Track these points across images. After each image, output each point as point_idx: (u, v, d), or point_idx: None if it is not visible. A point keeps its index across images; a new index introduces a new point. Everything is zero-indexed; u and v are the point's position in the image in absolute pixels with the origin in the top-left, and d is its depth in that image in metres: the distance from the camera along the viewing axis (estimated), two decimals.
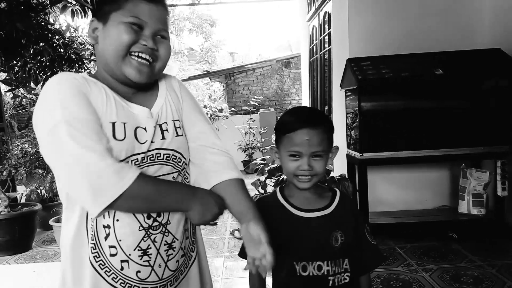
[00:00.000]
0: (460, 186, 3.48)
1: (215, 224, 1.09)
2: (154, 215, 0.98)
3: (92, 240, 0.97)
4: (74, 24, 4.63)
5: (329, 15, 4.41)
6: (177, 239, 1.04)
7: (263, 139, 7.71)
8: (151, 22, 1.00)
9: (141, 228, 0.97)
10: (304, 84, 6.67)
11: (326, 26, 4.67)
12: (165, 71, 1.12)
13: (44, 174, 3.81)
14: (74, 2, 4.48)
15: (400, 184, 3.74)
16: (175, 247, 1.03)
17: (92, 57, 5.42)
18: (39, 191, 4.10)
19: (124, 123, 0.97)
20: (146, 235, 0.98)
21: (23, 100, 6.57)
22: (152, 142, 1.01)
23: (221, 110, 7.73)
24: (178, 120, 1.10)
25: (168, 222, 1.01)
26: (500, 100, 3.18)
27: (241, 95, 8.86)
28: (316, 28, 5.32)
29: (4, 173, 3.67)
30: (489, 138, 3.20)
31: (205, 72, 10.17)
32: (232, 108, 8.48)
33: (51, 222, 3.77)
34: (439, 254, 3.08)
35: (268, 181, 4.00)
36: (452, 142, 3.17)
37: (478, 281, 2.65)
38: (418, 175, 3.69)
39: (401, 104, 3.23)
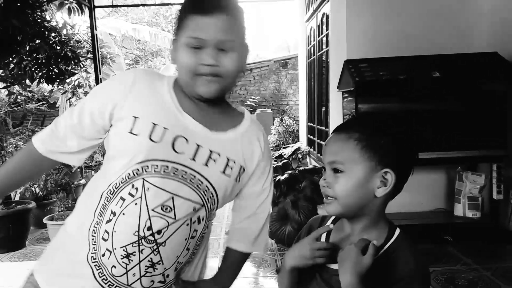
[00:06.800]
0: (455, 189, 3.49)
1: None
2: (154, 229, 0.96)
3: (99, 216, 0.99)
4: (71, 21, 4.60)
5: (327, 16, 4.41)
6: (163, 264, 1.00)
7: None
8: (209, 37, 0.95)
9: (136, 233, 0.96)
10: (302, 85, 6.67)
11: (324, 27, 4.66)
12: (164, 69, 1.11)
13: None
14: (71, 0, 4.45)
15: None
16: (156, 269, 0.99)
17: (89, 55, 5.39)
18: (33, 189, 4.07)
19: (166, 128, 0.98)
20: (136, 243, 0.96)
21: (18, 97, 6.53)
22: (192, 160, 1.00)
23: None
24: (243, 167, 1.08)
25: (163, 244, 0.98)
26: (497, 104, 3.18)
27: (238, 95, 8.84)
28: (314, 29, 5.32)
29: None
30: (485, 141, 3.20)
31: None
32: None
33: (45, 220, 3.74)
34: (434, 257, 3.08)
35: None
36: (448, 145, 3.17)
37: (473, 284, 2.65)
38: (414, 177, 3.62)
39: (398, 106, 3.23)
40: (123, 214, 0.96)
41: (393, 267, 0.83)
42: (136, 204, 0.96)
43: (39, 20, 3.80)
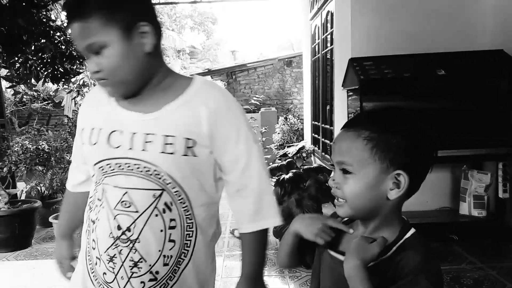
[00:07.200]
0: (461, 188, 3.47)
1: None
2: (123, 227, 0.97)
3: (88, 227, 1.06)
4: None
5: (332, 14, 4.40)
6: (146, 261, 0.98)
7: (264, 138, 7.71)
8: (79, 46, 0.96)
9: (110, 235, 0.98)
10: (306, 83, 6.66)
11: (329, 25, 4.65)
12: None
13: (44, 171, 3.80)
14: None
15: None
16: (141, 267, 0.98)
17: None
18: (39, 188, 4.10)
19: (101, 129, 1.03)
20: (114, 244, 0.98)
21: (24, 96, 6.58)
22: (130, 149, 0.98)
23: None
24: (190, 139, 0.98)
25: (138, 240, 0.97)
26: (503, 102, 3.16)
27: (242, 93, 8.85)
28: (318, 27, 5.31)
29: (4, 169, 3.66)
30: (490, 139, 3.18)
31: (206, 71, 10.16)
32: None
33: (51, 219, 3.77)
34: (440, 256, 3.07)
35: None
36: (454, 143, 3.15)
37: (478, 283, 2.64)
38: None
39: (403, 104, 3.21)
40: (98, 219, 1.01)
41: (401, 265, 0.78)
42: (103, 207, 1.00)
43: (44, 20, 3.82)
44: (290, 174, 3.65)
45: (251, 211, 1.06)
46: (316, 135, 5.89)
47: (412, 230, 0.85)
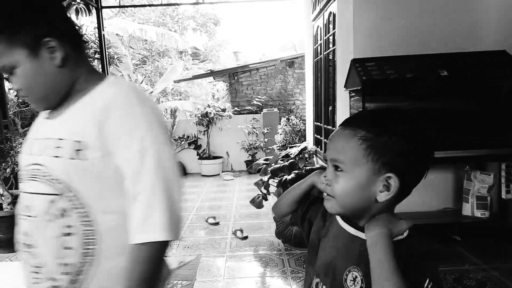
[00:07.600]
0: (464, 189, 3.46)
1: (217, 223, 1.08)
2: (23, 232, 1.00)
3: None
4: (79, 22, 4.64)
5: (334, 15, 4.40)
6: (45, 267, 0.95)
7: (266, 139, 7.70)
8: None
9: (19, 240, 1.02)
10: (308, 84, 6.65)
11: (331, 26, 4.65)
12: (171, 69, 1.09)
13: None
14: (78, 1, 4.48)
15: None
16: (40, 273, 0.96)
17: (96, 56, 5.43)
18: None
19: (28, 139, 1.07)
20: (22, 250, 1.01)
21: None
22: (38, 155, 1.00)
23: (224, 110, 7.73)
24: (79, 142, 0.94)
25: (35, 245, 0.96)
26: (505, 102, 3.16)
27: (244, 94, 8.85)
28: (320, 28, 5.31)
29: (8, 170, 3.67)
30: (493, 140, 3.17)
31: (208, 72, 10.17)
32: (236, 108, 8.48)
33: None
34: (442, 257, 3.06)
35: (270, 181, 3.99)
36: (457, 144, 3.15)
37: (481, 284, 2.64)
38: None
39: (406, 105, 3.21)
40: (17, 225, 1.04)
41: (407, 253, 0.77)
42: (18, 213, 1.03)
43: None
44: (292, 175, 3.65)
45: (138, 221, 0.93)
46: (318, 136, 5.89)
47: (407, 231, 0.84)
